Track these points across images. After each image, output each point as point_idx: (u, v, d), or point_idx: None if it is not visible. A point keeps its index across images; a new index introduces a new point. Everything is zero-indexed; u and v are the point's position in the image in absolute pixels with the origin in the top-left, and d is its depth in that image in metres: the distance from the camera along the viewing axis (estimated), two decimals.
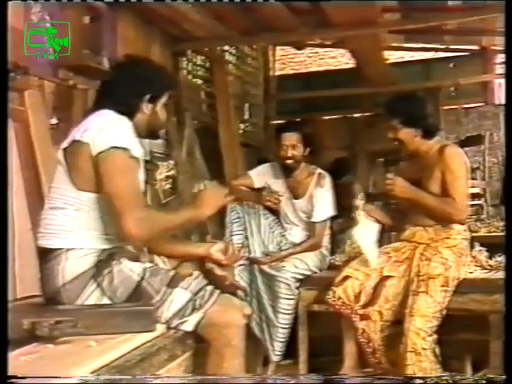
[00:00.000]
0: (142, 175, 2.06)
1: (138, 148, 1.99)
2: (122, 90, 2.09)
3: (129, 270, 1.96)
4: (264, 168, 3.68)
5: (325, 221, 3.50)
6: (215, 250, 2.27)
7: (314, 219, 3.49)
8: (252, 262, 3.37)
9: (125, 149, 1.92)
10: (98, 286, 1.95)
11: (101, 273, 1.95)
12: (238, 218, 3.40)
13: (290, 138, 3.47)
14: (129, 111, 2.05)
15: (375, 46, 5.40)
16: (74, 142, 1.98)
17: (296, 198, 3.58)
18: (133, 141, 1.97)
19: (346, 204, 3.46)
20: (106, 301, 1.95)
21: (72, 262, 1.94)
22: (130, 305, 1.90)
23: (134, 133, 2.01)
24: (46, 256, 1.99)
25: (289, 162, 3.48)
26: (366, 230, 2.97)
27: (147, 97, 2.10)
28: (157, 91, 2.14)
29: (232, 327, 1.93)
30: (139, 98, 2.10)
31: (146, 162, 2.10)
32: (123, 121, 2.00)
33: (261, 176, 3.61)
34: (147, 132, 2.15)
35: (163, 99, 2.16)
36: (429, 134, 2.97)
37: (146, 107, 2.11)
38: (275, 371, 3.24)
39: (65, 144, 2.03)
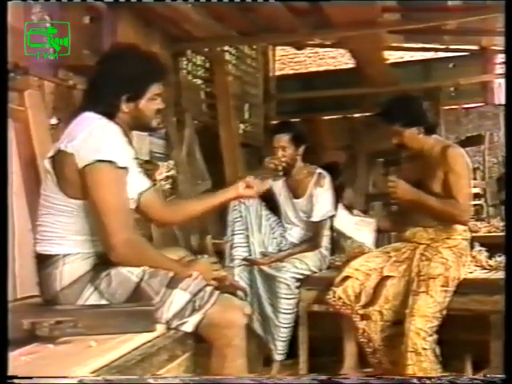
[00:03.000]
0: (135, 177, 2.04)
1: (125, 154, 1.95)
2: (99, 90, 2.03)
3: (127, 271, 1.95)
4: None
5: (324, 220, 3.50)
6: (243, 188, 2.32)
7: (313, 219, 3.50)
8: (251, 263, 3.37)
9: (110, 161, 1.88)
10: (95, 289, 1.94)
11: (98, 276, 1.95)
12: (240, 217, 3.40)
13: (280, 140, 3.48)
14: (108, 112, 1.99)
15: (375, 46, 5.40)
16: (60, 151, 1.95)
17: (296, 197, 3.58)
18: (118, 149, 1.93)
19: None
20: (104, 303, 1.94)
21: (69, 266, 1.94)
22: (130, 305, 1.89)
23: (121, 137, 1.96)
24: (43, 262, 1.99)
25: (283, 164, 3.48)
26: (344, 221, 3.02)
27: (124, 97, 2.02)
28: (135, 90, 2.04)
29: (233, 327, 1.92)
30: (116, 98, 2.02)
31: (146, 161, 2.08)
32: (108, 127, 1.95)
33: None
34: (135, 127, 2.09)
35: (147, 95, 2.05)
36: (430, 129, 2.98)
37: (126, 106, 2.03)
38: (278, 371, 3.25)
39: (51, 152, 2.01)
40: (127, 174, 1.96)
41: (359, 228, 3.07)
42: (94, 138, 1.91)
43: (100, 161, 1.88)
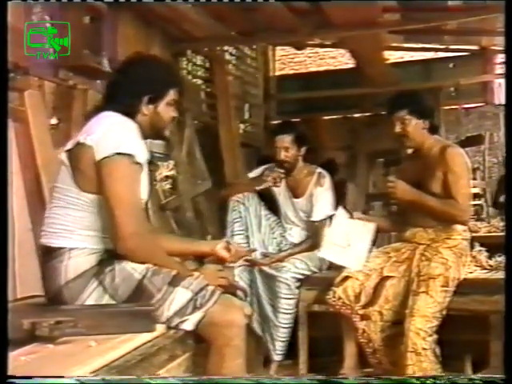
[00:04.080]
0: (145, 179, 2.06)
1: (142, 152, 1.98)
2: (121, 90, 2.08)
3: (131, 268, 1.96)
4: (263, 170, 3.69)
5: (324, 220, 3.50)
6: (220, 247, 2.28)
7: (313, 218, 3.50)
8: (251, 263, 3.37)
9: (129, 155, 1.92)
10: (99, 284, 1.95)
11: (103, 271, 1.96)
12: (240, 217, 3.41)
13: (282, 140, 3.49)
14: (128, 112, 2.04)
15: (375, 46, 5.39)
16: (79, 144, 1.98)
17: (296, 196, 3.59)
18: (138, 145, 1.97)
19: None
20: (107, 299, 1.95)
21: (75, 260, 1.95)
22: (130, 305, 1.90)
23: (139, 136, 2.00)
24: (48, 254, 2.00)
25: (285, 165, 3.49)
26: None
27: (146, 98, 2.08)
28: (156, 92, 2.10)
29: (233, 327, 1.92)
30: (137, 99, 2.08)
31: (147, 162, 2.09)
32: (128, 124, 1.99)
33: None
34: (150, 133, 2.13)
35: (166, 99, 2.12)
36: (434, 128, 2.99)
37: (146, 108, 2.09)
38: (276, 371, 3.25)
39: (69, 146, 2.03)
40: (142, 171, 1.99)
41: (353, 241, 3.03)
42: (114, 132, 1.95)
43: (119, 154, 1.91)
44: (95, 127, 1.98)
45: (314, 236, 3.50)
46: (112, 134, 1.94)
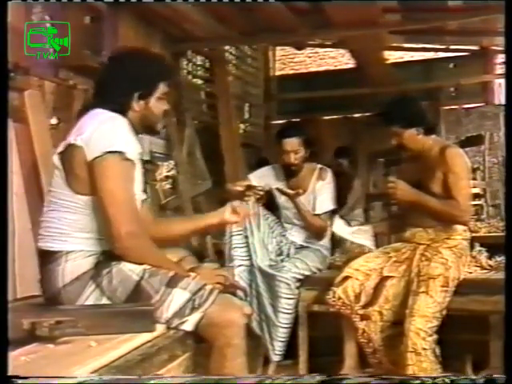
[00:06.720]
0: (139, 174, 2.05)
1: (134, 147, 1.97)
2: (110, 88, 2.05)
3: (128, 269, 1.95)
4: (265, 170, 3.68)
5: (326, 213, 3.50)
6: (229, 214, 2.25)
7: (316, 212, 3.49)
8: (282, 193, 3.42)
9: (120, 152, 1.90)
10: (97, 286, 1.95)
11: (100, 273, 1.95)
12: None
13: (292, 144, 3.46)
14: (119, 110, 2.01)
15: (375, 46, 5.41)
16: (69, 145, 1.97)
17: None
18: (128, 141, 1.95)
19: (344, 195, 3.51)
20: (105, 301, 1.95)
21: (72, 263, 1.95)
22: (129, 305, 1.89)
23: (129, 130, 1.98)
24: (46, 258, 2.00)
25: (292, 168, 3.49)
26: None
27: (136, 95, 2.06)
28: (146, 88, 2.07)
29: (232, 326, 1.92)
30: (127, 96, 2.05)
31: (146, 161, 2.08)
32: (118, 120, 1.97)
33: (261, 178, 3.60)
34: (142, 128, 2.11)
35: (157, 93, 2.09)
36: (429, 129, 2.99)
37: (137, 105, 2.06)
38: (275, 371, 3.24)
39: (60, 148, 2.02)
40: (135, 168, 1.98)
41: (357, 237, 3.07)
42: (104, 129, 1.92)
43: (110, 152, 1.89)
44: (85, 127, 1.96)
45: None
46: (102, 133, 1.92)
